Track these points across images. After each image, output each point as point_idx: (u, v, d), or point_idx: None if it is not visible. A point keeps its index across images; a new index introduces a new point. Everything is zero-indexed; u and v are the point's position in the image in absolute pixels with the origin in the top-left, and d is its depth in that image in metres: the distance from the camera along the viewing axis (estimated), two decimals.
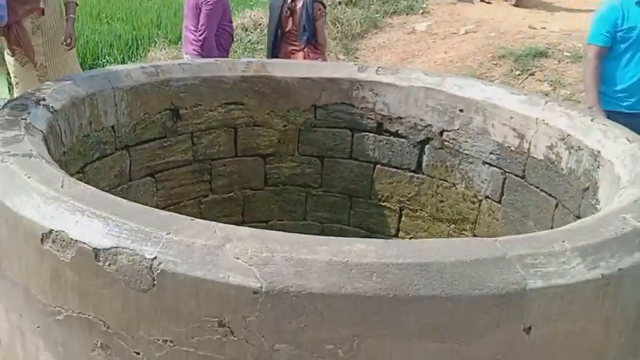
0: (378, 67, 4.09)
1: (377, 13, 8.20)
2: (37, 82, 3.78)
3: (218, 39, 5.14)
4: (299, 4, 5.56)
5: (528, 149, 3.35)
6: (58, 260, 1.76)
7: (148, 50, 7.22)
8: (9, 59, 4.01)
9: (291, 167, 4.19)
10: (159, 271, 1.60)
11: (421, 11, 8.72)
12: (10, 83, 3.98)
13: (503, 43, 7.15)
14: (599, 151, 2.76)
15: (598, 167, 2.75)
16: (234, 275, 1.56)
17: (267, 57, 5.86)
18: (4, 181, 1.96)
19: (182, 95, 3.72)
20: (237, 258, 1.58)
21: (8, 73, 4.15)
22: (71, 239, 1.71)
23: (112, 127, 3.37)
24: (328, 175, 4.21)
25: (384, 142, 4.03)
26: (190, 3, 5.01)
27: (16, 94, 3.78)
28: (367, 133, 4.05)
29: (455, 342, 1.60)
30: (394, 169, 4.05)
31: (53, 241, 1.75)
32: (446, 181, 3.87)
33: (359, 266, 1.56)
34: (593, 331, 1.75)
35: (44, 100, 2.81)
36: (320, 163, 4.17)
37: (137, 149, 3.59)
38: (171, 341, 1.66)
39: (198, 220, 1.73)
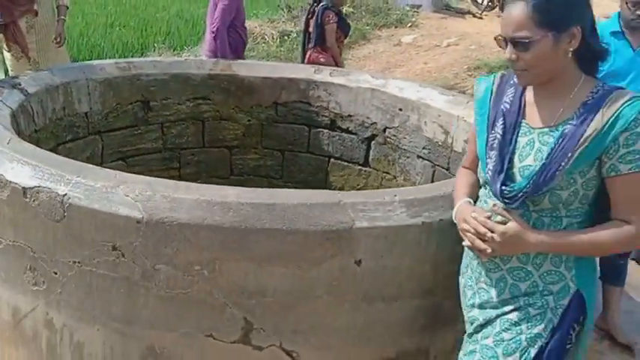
0: (333, 70, 4.53)
1: (367, 26, 8.67)
2: (26, 69, 4.29)
3: (229, 39, 5.56)
4: (318, 10, 6.12)
5: (451, 143, 3.74)
6: None
7: (148, 55, 7.77)
8: (6, 54, 4.53)
9: (254, 159, 4.62)
10: (68, 205, 2.05)
11: (409, 24, 9.17)
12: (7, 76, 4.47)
13: (481, 56, 7.56)
14: None
15: None
16: (123, 208, 2.00)
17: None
18: None
19: (152, 89, 4.19)
20: (127, 195, 2.02)
21: (6, 69, 4.66)
22: (7, 181, 2.17)
23: (85, 113, 3.84)
24: (288, 167, 4.63)
25: (337, 137, 4.45)
26: (211, 3, 5.44)
27: None
28: (322, 129, 4.47)
29: (296, 267, 2.01)
30: (345, 163, 4.46)
31: None
32: (388, 173, 4.27)
33: (220, 204, 1.99)
34: (421, 270, 2.15)
35: (19, 84, 3.30)
36: (281, 155, 4.59)
37: (109, 135, 4.05)
38: (79, 262, 2.10)
39: (104, 168, 2.18)
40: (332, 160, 4.50)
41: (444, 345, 2.34)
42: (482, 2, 10.53)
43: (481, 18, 10.21)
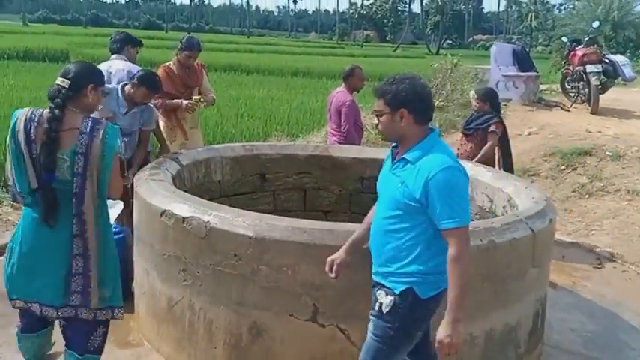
0: None
1: (458, 117, 9.82)
2: (178, 148, 5.74)
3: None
4: None
5: (494, 209, 4.76)
6: (166, 225, 3.54)
7: (269, 140, 9.33)
8: (162, 124, 5.93)
9: (344, 221, 5.78)
10: (209, 227, 3.33)
11: None
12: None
13: (557, 144, 8.44)
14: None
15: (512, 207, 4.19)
16: (241, 229, 3.25)
17: None
18: (147, 190, 3.82)
19: (268, 165, 5.55)
20: (244, 222, 3.27)
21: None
22: (173, 213, 3.50)
23: (219, 181, 5.24)
24: None
25: None
26: (332, 108, 6.85)
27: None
28: None
29: (346, 271, 3.16)
30: None
31: (165, 215, 3.55)
32: None
33: (299, 228, 3.20)
34: None
35: (177, 159, 4.74)
36: None
37: (235, 198, 5.40)
38: (213, 264, 3.35)
39: (230, 207, 3.47)
40: None
41: None
42: (574, 96, 11.38)
43: (568, 110, 11.04)
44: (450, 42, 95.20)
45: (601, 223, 6.70)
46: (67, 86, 3.03)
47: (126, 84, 4.85)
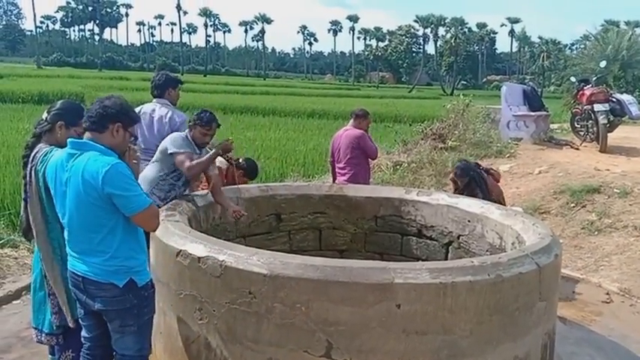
0: (419, 191, 5.82)
1: (470, 156, 9.91)
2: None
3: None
4: None
5: (504, 246, 4.82)
6: (182, 265, 3.65)
7: (285, 181, 9.48)
8: None
9: (359, 260, 5.88)
10: (224, 266, 3.43)
11: (508, 155, 10.31)
12: None
13: (566, 181, 8.50)
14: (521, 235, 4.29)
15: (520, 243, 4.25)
16: (256, 268, 3.33)
17: None
18: (163, 230, 3.93)
19: (283, 205, 5.66)
20: (259, 260, 3.37)
21: None
22: (189, 253, 3.60)
23: (235, 221, 5.34)
24: None
25: (423, 243, 5.64)
26: (342, 146, 7.05)
27: None
28: (411, 237, 5.70)
29: (358, 307, 3.23)
30: None
31: (181, 255, 3.65)
32: None
33: (311, 266, 3.28)
34: (442, 314, 3.28)
35: (193, 200, 4.86)
36: (380, 257, 5.81)
37: (251, 239, 5.51)
38: (229, 302, 3.44)
39: (243, 246, 3.57)
40: (420, 261, 5.66)
41: None
42: (584, 135, 11.47)
43: (578, 149, 11.13)
44: (465, 82, 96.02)
45: (610, 259, 6.74)
46: (45, 120, 3.74)
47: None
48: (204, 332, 3.60)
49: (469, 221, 5.24)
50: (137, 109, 5.28)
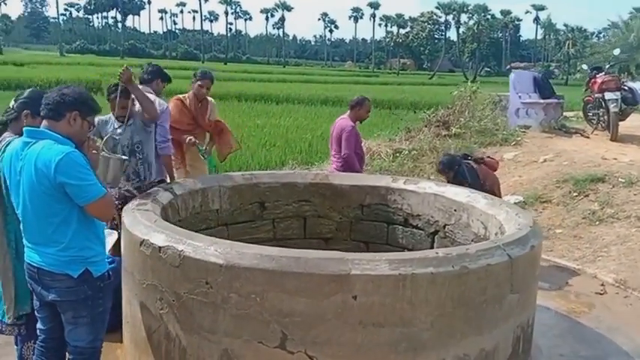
0: (406, 179, 5.72)
1: (474, 144, 9.76)
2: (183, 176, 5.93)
3: None
4: None
5: (488, 235, 4.72)
6: (145, 255, 3.61)
7: (284, 169, 9.42)
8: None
9: (345, 249, 5.76)
10: (183, 256, 3.38)
11: (514, 143, 10.13)
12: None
13: (570, 170, 8.32)
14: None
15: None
16: (213, 258, 3.28)
17: None
18: (131, 219, 3.90)
19: (267, 193, 5.60)
20: (216, 250, 3.31)
21: None
22: (151, 243, 3.56)
23: (217, 210, 5.30)
24: None
25: (409, 232, 5.55)
26: (334, 135, 6.95)
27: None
28: (397, 226, 5.61)
29: (313, 298, 3.16)
30: None
31: (144, 245, 3.61)
32: None
33: (267, 256, 3.22)
34: (400, 306, 3.20)
35: (171, 188, 4.82)
36: (365, 246, 5.74)
37: (234, 227, 5.46)
38: (187, 292, 3.39)
39: (205, 235, 3.51)
40: (405, 250, 5.56)
41: None
42: (595, 123, 11.25)
43: (588, 137, 10.91)
44: (488, 69, 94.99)
45: (608, 250, 6.58)
46: (12, 108, 3.71)
47: None
48: (165, 322, 3.56)
49: (455, 210, 5.14)
50: None
